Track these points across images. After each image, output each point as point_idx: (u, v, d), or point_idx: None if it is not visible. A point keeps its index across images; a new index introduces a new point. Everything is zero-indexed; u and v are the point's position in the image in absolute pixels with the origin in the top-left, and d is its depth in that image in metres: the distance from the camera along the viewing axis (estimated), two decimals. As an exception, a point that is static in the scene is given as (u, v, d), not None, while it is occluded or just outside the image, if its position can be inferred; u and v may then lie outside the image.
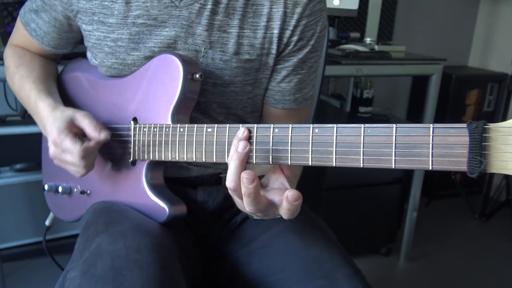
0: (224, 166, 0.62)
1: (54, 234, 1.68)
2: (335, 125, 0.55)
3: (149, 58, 0.78)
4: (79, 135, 0.76)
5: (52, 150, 0.76)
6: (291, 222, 0.81)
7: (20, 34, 0.92)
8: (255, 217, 0.70)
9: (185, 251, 0.78)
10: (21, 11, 0.90)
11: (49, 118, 0.77)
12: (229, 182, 0.57)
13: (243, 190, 0.55)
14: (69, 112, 0.77)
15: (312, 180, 1.85)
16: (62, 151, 0.75)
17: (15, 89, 0.89)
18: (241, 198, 0.57)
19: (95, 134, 0.74)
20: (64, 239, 1.71)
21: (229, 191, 0.59)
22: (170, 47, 0.77)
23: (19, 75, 0.87)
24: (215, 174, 0.88)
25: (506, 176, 2.38)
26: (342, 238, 0.85)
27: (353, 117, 2.00)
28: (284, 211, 0.57)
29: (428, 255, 2.08)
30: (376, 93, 2.04)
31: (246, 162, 0.58)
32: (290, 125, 0.58)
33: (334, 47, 1.78)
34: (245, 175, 0.54)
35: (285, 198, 0.55)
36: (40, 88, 0.83)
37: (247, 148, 0.57)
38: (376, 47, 1.81)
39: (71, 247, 0.74)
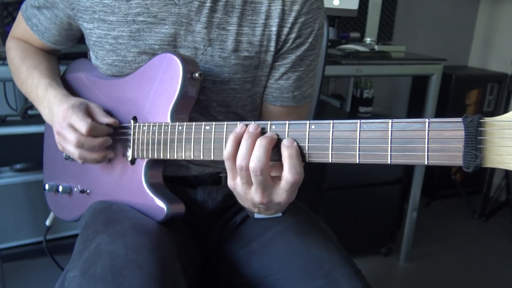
0: (223, 165, 0.62)
1: (54, 234, 1.68)
2: (331, 121, 0.55)
3: (149, 55, 0.78)
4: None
5: (58, 124, 0.77)
6: (291, 222, 0.81)
7: (20, 28, 0.93)
8: (256, 216, 0.70)
9: (185, 251, 0.78)
10: (23, 6, 0.91)
11: (61, 101, 0.79)
12: (225, 151, 0.60)
13: (245, 135, 0.59)
14: (82, 100, 0.79)
15: (312, 180, 1.85)
16: (68, 125, 0.75)
17: (22, 78, 0.89)
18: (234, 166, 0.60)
19: (106, 118, 0.77)
20: (64, 239, 1.71)
21: (225, 162, 0.61)
22: (170, 45, 0.77)
23: (26, 65, 0.88)
24: (214, 173, 0.88)
25: (506, 176, 2.38)
26: (342, 238, 0.85)
27: (353, 117, 1.99)
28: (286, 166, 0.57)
29: (428, 255, 2.08)
30: (376, 93, 2.04)
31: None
32: (287, 121, 0.58)
33: (334, 47, 1.78)
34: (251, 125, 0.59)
35: (282, 146, 0.57)
36: (50, 79, 0.85)
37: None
38: (376, 47, 1.81)
39: (71, 247, 0.74)
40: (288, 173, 0.57)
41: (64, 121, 0.75)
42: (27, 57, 0.90)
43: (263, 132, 0.60)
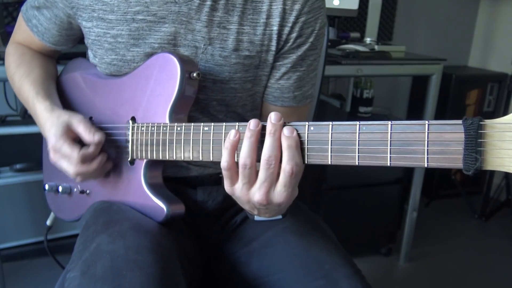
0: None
1: (54, 234, 1.68)
2: (330, 122, 0.55)
3: (148, 54, 0.78)
4: (77, 140, 0.77)
5: (51, 155, 0.77)
6: (291, 222, 0.81)
7: (21, 30, 0.93)
8: (256, 218, 0.69)
9: (185, 251, 0.78)
10: (23, 7, 0.91)
11: (47, 122, 0.78)
12: (223, 162, 0.59)
13: (247, 133, 0.58)
14: (64, 117, 0.78)
15: (312, 180, 1.85)
16: (61, 156, 0.76)
17: (15, 88, 0.89)
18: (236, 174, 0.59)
19: (90, 137, 0.75)
20: (64, 239, 1.71)
21: (223, 171, 0.60)
22: (169, 43, 0.77)
23: (18, 74, 0.88)
24: (214, 174, 0.88)
25: (506, 176, 2.37)
26: (342, 238, 0.85)
27: (353, 117, 2.00)
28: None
29: (428, 255, 2.08)
30: (376, 93, 2.04)
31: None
32: (286, 122, 0.58)
33: (334, 47, 1.78)
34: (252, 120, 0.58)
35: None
36: (38, 89, 0.84)
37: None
38: (376, 47, 1.81)
39: (71, 247, 0.74)
40: (287, 164, 0.56)
41: (56, 155, 0.76)
42: (21, 64, 0.89)
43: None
